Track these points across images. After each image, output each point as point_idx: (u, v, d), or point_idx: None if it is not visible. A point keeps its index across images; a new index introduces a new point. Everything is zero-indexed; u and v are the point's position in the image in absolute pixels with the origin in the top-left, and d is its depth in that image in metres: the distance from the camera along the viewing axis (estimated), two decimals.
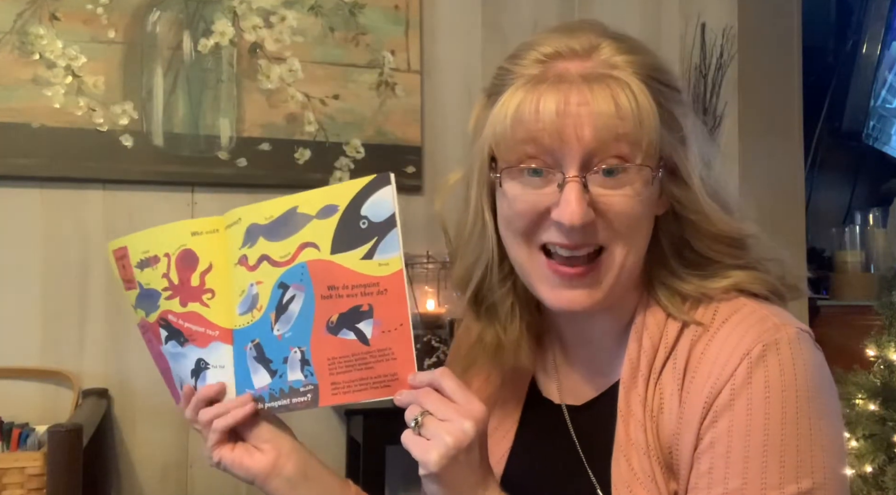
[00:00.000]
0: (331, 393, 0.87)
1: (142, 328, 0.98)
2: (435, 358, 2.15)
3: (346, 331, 0.86)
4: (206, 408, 0.91)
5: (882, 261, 3.30)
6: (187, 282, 0.92)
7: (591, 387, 0.92)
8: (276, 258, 0.89)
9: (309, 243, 0.88)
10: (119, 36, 2.13)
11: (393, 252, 0.85)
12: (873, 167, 3.76)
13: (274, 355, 0.89)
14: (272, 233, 0.89)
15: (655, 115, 0.81)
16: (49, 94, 2.08)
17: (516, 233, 0.85)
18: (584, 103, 0.79)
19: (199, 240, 0.92)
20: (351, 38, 2.29)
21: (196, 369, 0.93)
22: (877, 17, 3.49)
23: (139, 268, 0.94)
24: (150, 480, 2.14)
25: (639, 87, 0.81)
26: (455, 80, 2.37)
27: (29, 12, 2.08)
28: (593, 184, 0.81)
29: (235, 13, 2.22)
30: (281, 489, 0.91)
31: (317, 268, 0.87)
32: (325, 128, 2.26)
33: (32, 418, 1.95)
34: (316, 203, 0.88)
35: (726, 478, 0.78)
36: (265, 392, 0.90)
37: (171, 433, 2.15)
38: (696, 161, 0.85)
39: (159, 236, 0.94)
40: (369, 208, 0.86)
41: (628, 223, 0.82)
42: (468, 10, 2.40)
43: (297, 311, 0.88)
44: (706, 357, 0.82)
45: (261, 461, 0.91)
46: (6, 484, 1.69)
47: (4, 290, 2.04)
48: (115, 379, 2.11)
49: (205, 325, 0.92)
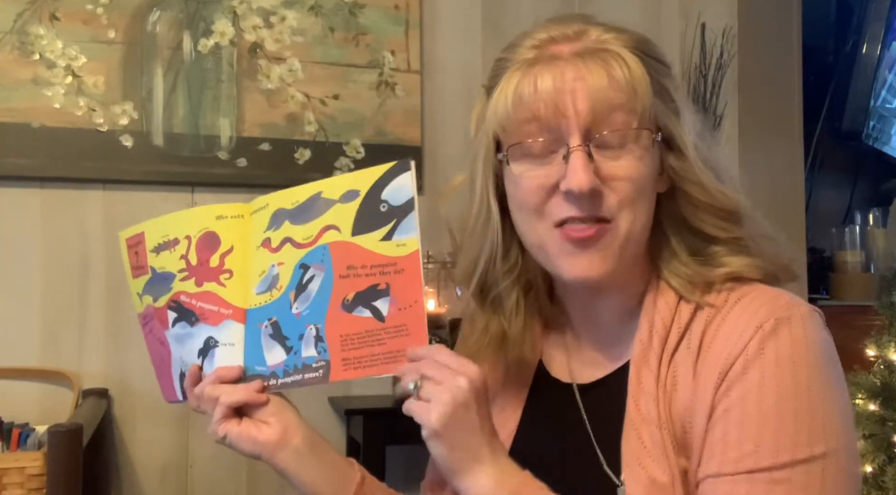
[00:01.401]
0: (342, 368, 0.90)
1: (144, 317, 1.01)
2: None
3: (362, 308, 0.90)
4: (215, 385, 0.92)
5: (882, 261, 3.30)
6: (206, 263, 0.96)
7: (601, 367, 0.93)
8: (298, 240, 0.93)
9: (331, 226, 0.92)
10: (119, 36, 2.13)
11: (411, 233, 0.90)
12: (873, 167, 3.76)
13: (291, 332, 0.93)
14: (297, 217, 0.94)
15: (648, 84, 0.84)
16: (49, 94, 2.08)
17: (529, 213, 0.87)
18: (579, 78, 0.83)
19: (223, 224, 0.97)
20: (351, 38, 2.29)
21: (204, 347, 0.95)
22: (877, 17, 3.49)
23: (155, 252, 0.98)
24: (150, 480, 2.14)
25: (630, 58, 0.85)
26: (455, 80, 2.37)
27: (29, 12, 2.08)
28: (597, 155, 0.84)
29: (235, 13, 2.22)
30: (289, 461, 0.93)
31: (337, 249, 0.91)
32: (325, 129, 2.26)
33: (32, 418, 1.95)
34: (339, 188, 0.93)
35: (740, 442, 0.79)
36: (279, 368, 0.93)
37: (171, 433, 2.15)
38: (690, 130, 0.88)
39: (182, 220, 0.98)
40: (389, 192, 0.91)
41: (633, 189, 0.84)
42: (468, 10, 2.40)
43: (315, 290, 0.92)
44: (720, 333, 0.84)
45: (269, 433, 0.92)
46: (6, 484, 1.69)
47: (4, 290, 2.04)
48: (115, 379, 2.11)
49: (219, 304, 0.95)
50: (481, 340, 0.96)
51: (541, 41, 0.88)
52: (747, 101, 2.65)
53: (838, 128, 3.54)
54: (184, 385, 0.98)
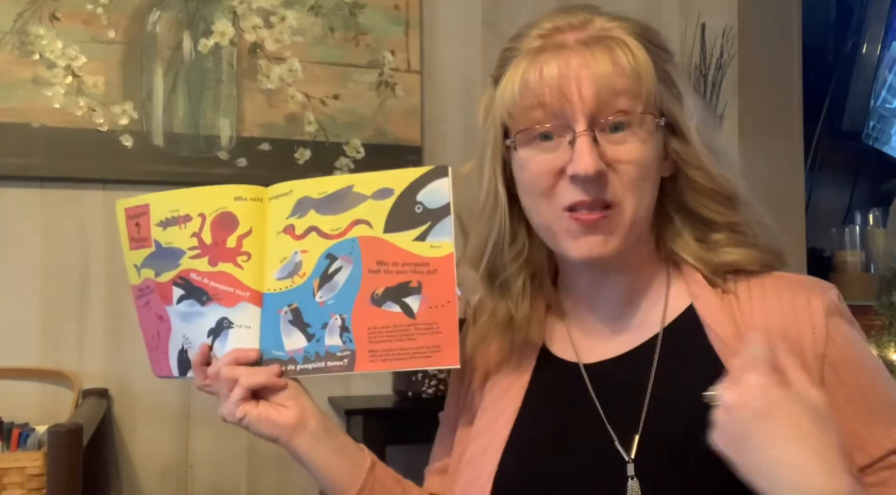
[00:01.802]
0: (368, 359, 0.93)
1: (140, 290, 1.01)
2: None
3: (391, 303, 0.92)
4: (232, 366, 0.93)
5: (882, 261, 3.30)
6: (222, 243, 0.96)
7: (610, 348, 0.94)
8: (326, 230, 0.95)
9: (362, 220, 0.94)
10: (119, 36, 2.13)
11: (446, 237, 0.92)
12: (873, 167, 3.76)
13: (313, 320, 0.94)
14: (324, 208, 0.95)
15: (652, 69, 0.87)
16: (49, 94, 2.08)
17: (537, 196, 0.89)
18: (584, 65, 0.85)
19: (241, 205, 0.97)
20: (351, 38, 2.29)
21: (217, 328, 0.96)
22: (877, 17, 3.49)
23: (161, 226, 0.98)
24: (150, 480, 2.14)
25: (634, 45, 0.87)
26: (455, 80, 2.37)
27: (29, 12, 2.08)
28: (602, 140, 0.86)
29: (235, 13, 2.22)
30: (305, 444, 0.94)
31: (368, 244, 0.93)
32: (325, 129, 2.26)
33: (32, 418, 1.95)
34: (373, 185, 0.95)
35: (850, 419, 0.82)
36: (298, 354, 0.95)
37: (171, 433, 2.15)
38: (693, 115, 0.91)
39: (195, 196, 0.99)
40: (425, 195, 0.93)
41: (637, 173, 0.87)
42: (468, 10, 2.40)
43: (342, 281, 0.94)
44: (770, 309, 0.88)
45: (287, 415, 0.94)
46: (6, 484, 1.69)
47: (4, 290, 2.04)
48: (115, 379, 2.11)
49: (235, 285, 0.96)
50: (489, 323, 0.97)
51: (547, 30, 0.90)
52: (747, 101, 2.65)
53: (838, 128, 3.54)
54: (182, 361, 0.99)
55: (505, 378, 0.98)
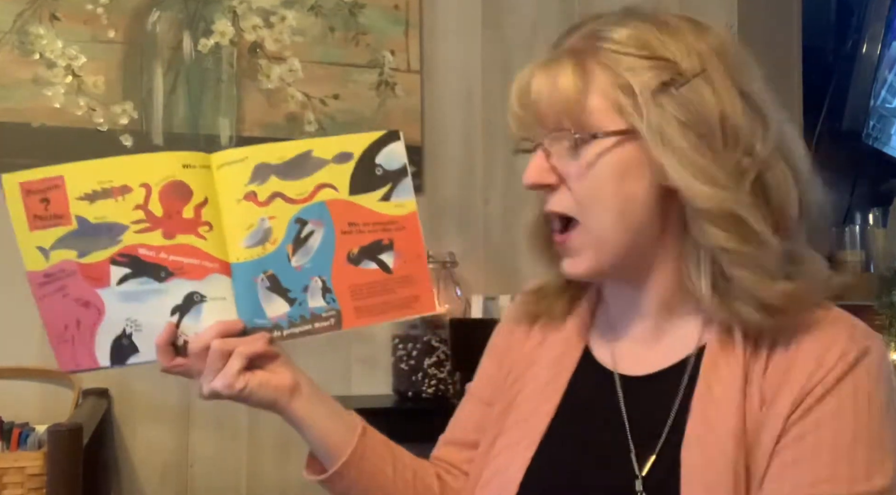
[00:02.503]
0: (355, 316, 0.97)
1: (48, 275, 0.94)
2: (435, 357, 2.15)
3: (368, 261, 0.97)
4: (225, 339, 0.92)
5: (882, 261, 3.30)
6: (177, 215, 0.93)
7: (646, 362, 0.93)
8: (291, 196, 0.96)
9: (327, 184, 0.96)
10: (119, 36, 2.13)
11: (408, 195, 0.98)
12: (873, 167, 3.76)
13: (292, 285, 0.96)
14: (286, 173, 0.96)
15: (581, 88, 0.85)
16: (49, 93, 2.08)
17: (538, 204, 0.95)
18: (534, 82, 0.88)
19: (191, 173, 0.93)
20: (351, 38, 2.29)
21: (185, 304, 0.93)
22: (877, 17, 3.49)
23: (87, 200, 0.92)
24: (150, 480, 2.14)
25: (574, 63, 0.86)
26: (455, 80, 2.37)
27: (29, 12, 2.08)
28: (557, 154, 0.88)
29: (235, 13, 2.22)
30: (302, 407, 0.95)
31: (336, 207, 0.97)
32: (325, 128, 2.26)
33: (32, 418, 1.95)
34: (331, 149, 0.97)
35: (815, 469, 0.80)
36: (282, 320, 0.95)
37: (171, 433, 2.15)
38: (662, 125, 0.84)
39: (132, 165, 0.94)
40: (383, 158, 0.98)
41: (590, 188, 0.86)
42: (468, 10, 2.40)
43: (316, 244, 0.96)
44: (800, 354, 0.85)
45: (284, 379, 0.95)
46: (6, 484, 1.69)
47: (4, 290, 2.04)
48: (115, 380, 2.10)
49: (201, 258, 0.93)
50: (550, 307, 1.01)
51: (556, 42, 0.93)
52: None
53: (838, 128, 3.54)
54: (119, 348, 0.94)
55: (547, 371, 0.97)
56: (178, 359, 0.94)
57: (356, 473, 0.97)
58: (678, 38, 0.87)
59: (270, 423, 2.18)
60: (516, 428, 0.96)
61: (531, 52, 2.38)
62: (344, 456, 0.96)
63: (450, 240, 2.33)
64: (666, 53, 0.86)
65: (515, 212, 2.39)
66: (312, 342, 1.00)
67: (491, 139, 2.39)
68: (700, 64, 0.86)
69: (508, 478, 0.92)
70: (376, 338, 2.25)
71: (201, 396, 0.94)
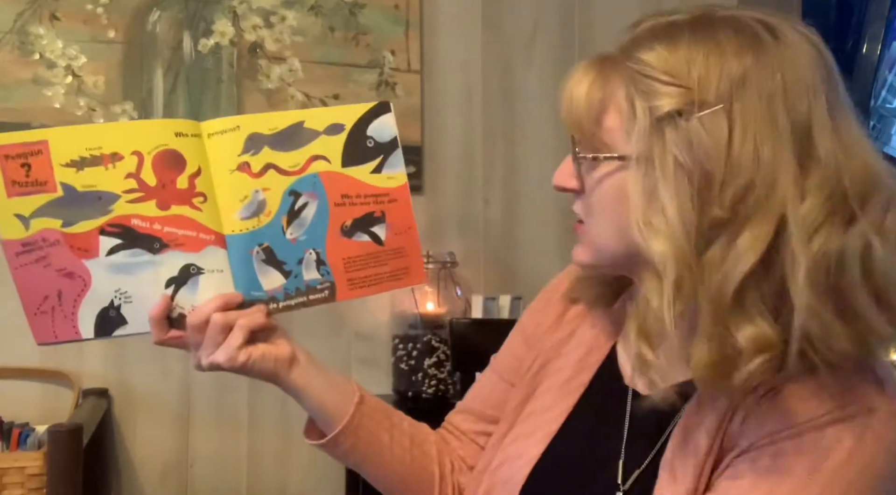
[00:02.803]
0: (348, 288, 0.98)
1: (27, 244, 0.89)
2: (435, 357, 2.15)
3: (361, 233, 0.98)
4: (224, 312, 0.92)
5: None
6: (171, 184, 0.91)
7: (664, 375, 0.88)
8: (284, 167, 0.95)
9: (319, 156, 0.96)
10: (119, 36, 2.13)
11: (399, 168, 0.99)
12: None
13: (287, 257, 0.96)
14: (278, 144, 0.95)
15: (595, 106, 0.82)
16: (49, 93, 2.08)
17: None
18: (570, 87, 0.85)
19: (184, 142, 0.91)
20: (351, 38, 2.29)
21: (181, 276, 0.92)
22: (877, 17, 3.49)
23: (74, 167, 0.88)
24: (150, 480, 2.14)
25: (595, 75, 0.83)
26: (455, 80, 2.37)
27: (29, 12, 2.08)
28: (583, 160, 0.86)
29: (235, 13, 2.22)
30: (302, 376, 0.97)
31: (329, 179, 0.97)
32: None
33: (32, 418, 1.95)
34: (323, 120, 0.97)
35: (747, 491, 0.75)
36: (278, 292, 0.96)
37: (171, 433, 2.15)
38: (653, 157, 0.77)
39: (123, 132, 0.91)
40: (374, 130, 0.99)
41: (598, 200, 0.85)
42: (468, 10, 2.40)
43: (310, 217, 0.97)
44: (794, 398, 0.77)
45: (284, 350, 0.96)
46: (6, 484, 1.69)
47: (4, 290, 2.04)
48: (115, 380, 2.11)
49: (197, 229, 0.92)
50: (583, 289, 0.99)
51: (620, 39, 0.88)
52: None
53: None
54: (105, 320, 0.92)
55: (574, 368, 0.97)
56: (173, 331, 0.93)
57: (353, 439, 0.99)
58: (714, 61, 0.76)
59: (271, 423, 2.18)
60: (531, 419, 0.96)
61: (531, 52, 2.39)
62: (340, 424, 0.98)
63: (450, 240, 2.33)
64: (688, 80, 0.76)
65: (515, 212, 2.40)
66: (313, 343, 1.01)
67: (491, 139, 2.39)
68: (728, 93, 0.75)
69: (517, 468, 0.93)
70: (376, 338, 2.25)
71: (198, 368, 0.93)
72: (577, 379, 0.96)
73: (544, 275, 1.10)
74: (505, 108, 2.39)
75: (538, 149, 2.39)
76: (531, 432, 0.95)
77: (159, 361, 2.11)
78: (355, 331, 2.26)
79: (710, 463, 0.80)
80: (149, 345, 0.94)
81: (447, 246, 2.30)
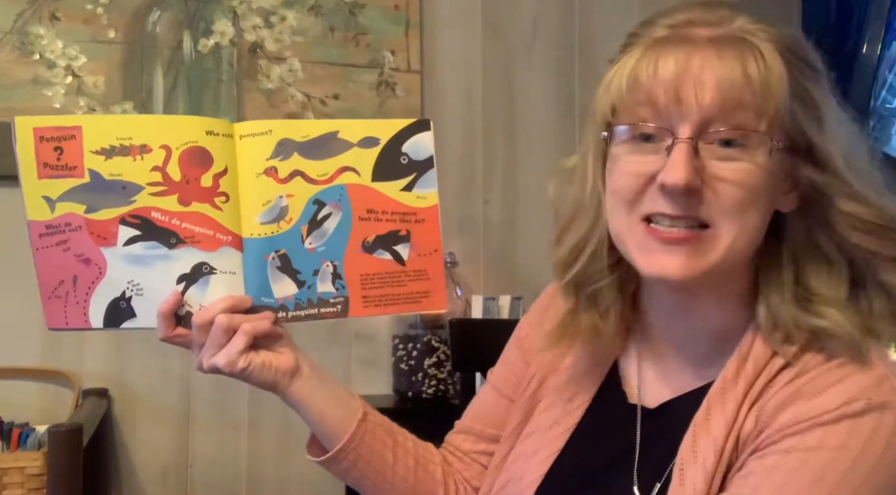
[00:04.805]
0: (362, 305, 0.95)
1: (51, 227, 0.91)
2: (435, 357, 2.15)
3: (382, 251, 0.95)
4: (229, 315, 0.89)
5: None
6: (195, 181, 0.91)
7: (667, 390, 0.88)
8: (312, 176, 0.94)
9: (349, 167, 0.94)
10: (119, 36, 2.13)
11: (431, 188, 0.96)
12: None
13: (303, 267, 0.94)
14: (309, 152, 0.94)
15: (786, 85, 0.77)
16: (49, 93, 2.08)
17: (621, 200, 0.81)
18: (707, 65, 0.76)
19: (214, 141, 0.91)
20: (351, 38, 2.29)
21: (192, 273, 0.92)
22: (877, 17, 3.48)
23: (102, 155, 0.89)
24: (150, 480, 2.14)
25: (771, 54, 0.77)
26: (455, 80, 2.37)
27: (29, 12, 2.08)
28: (706, 153, 0.77)
29: (235, 13, 2.22)
30: (303, 389, 0.94)
31: (356, 192, 0.94)
32: None
33: (32, 418, 1.95)
34: (357, 132, 0.95)
35: (757, 488, 0.74)
36: (289, 302, 0.94)
37: (171, 433, 2.15)
38: (839, 142, 0.79)
39: (155, 125, 0.92)
40: (410, 147, 0.95)
41: (740, 198, 0.77)
42: (468, 11, 2.40)
43: (332, 228, 0.94)
44: (803, 396, 0.76)
45: (287, 360, 0.93)
46: (6, 484, 1.69)
47: (4, 290, 2.04)
48: (115, 379, 2.11)
49: (215, 229, 0.92)
50: (569, 323, 0.91)
51: (678, 22, 0.80)
52: None
53: None
54: (115, 311, 0.91)
55: (574, 384, 0.94)
56: (179, 329, 0.92)
57: (354, 457, 0.96)
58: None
59: (271, 423, 2.18)
60: (533, 438, 0.93)
61: (531, 52, 2.39)
62: (341, 441, 0.95)
63: (450, 240, 2.32)
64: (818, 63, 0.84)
65: (515, 212, 2.40)
66: (313, 342, 1.00)
67: (491, 139, 2.39)
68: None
69: (521, 489, 0.90)
70: (376, 338, 2.25)
71: (199, 369, 0.92)
72: (580, 396, 0.93)
73: (544, 275, 1.08)
74: (505, 108, 2.39)
75: (538, 150, 2.39)
76: (534, 451, 0.92)
77: (159, 361, 2.11)
78: (355, 330, 2.26)
79: (723, 467, 0.78)
80: (149, 345, 0.94)
81: (447, 246, 2.30)
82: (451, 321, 2.13)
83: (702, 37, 0.77)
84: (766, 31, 0.79)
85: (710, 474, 0.78)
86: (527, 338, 1.02)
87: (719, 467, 0.78)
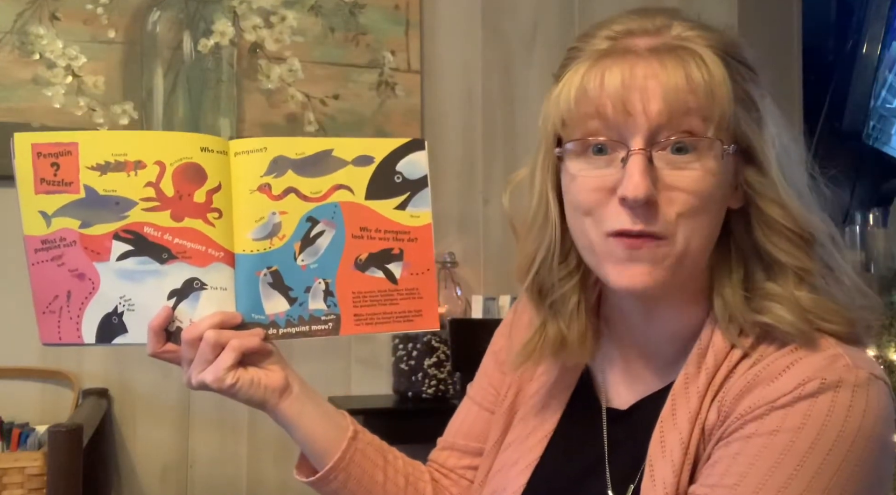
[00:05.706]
0: (353, 323, 0.95)
1: (46, 241, 0.93)
2: (435, 357, 2.15)
3: (375, 269, 0.95)
4: (218, 330, 0.89)
5: (882, 261, 3.30)
6: (188, 197, 0.91)
7: (634, 392, 0.89)
8: (305, 193, 0.94)
9: (343, 185, 0.95)
10: (119, 36, 2.14)
11: (425, 207, 0.96)
12: (873, 167, 3.76)
13: (295, 283, 0.94)
14: (303, 169, 0.94)
15: (729, 89, 0.78)
16: (49, 93, 2.08)
17: (582, 215, 0.82)
18: (652, 75, 0.77)
19: (209, 157, 0.92)
20: (351, 38, 2.29)
21: (183, 288, 0.92)
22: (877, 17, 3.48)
23: (97, 170, 0.90)
24: (150, 480, 2.14)
25: (712, 59, 0.78)
26: (455, 80, 2.38)
27: (29, 12, 2.08)
28: (659, 161, 0.78)
29: (235, 13, 2.22)
30: (292, 408, 0.94)
31: (350, 210, 0.95)
32: (326, 128, 2.26)
33: (32, 418, 1.96)
34: (352, 150, 0.95)
35: (724, 474, 0.75)
36: (280, 318, 0.94)
37: (171, 433, 2.15)
38: (774, 143, 0.81)
39: (149, 141, 0.93)
40: (404, 166, 0.96)
41: (695, 203, 0.78)
42: (468, 11, 2.40)
43: (324, 246, 0.94)
44: (761, 381, 0.78)
45: (276, 378, 0.93)
46: (6, 484, 1.69)
47: (4, 290, 2.04)
48: (115, 380, 2.11)
49: (206, 244, 0.92)
50: (537, 339, 0.92)
51: (617, 33, 0.81)
52: None
53: (838, 129, 3.53)
54: (107, 326, 0.92)
55: (547, 392, 0.94)
56: (169, 344, 0.92)
57: (344, 477, 0.95)
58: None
59: (271, 423, 2.18)
60: (512, 449, 0.94)
61: (531, 53, 2.39)
62: (331, 461, 0.94)
63: (450, 240, 2.33)
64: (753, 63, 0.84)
65: None
66: (313, 342, 1.00)
67: (491, 139, 2.39)
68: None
69: None
70: (376, 339, 2.25)
71: (188, 385, 0.91)
72: (553, 404, 0.93)
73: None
74: (505, 109, 2.39)
75: None
76: (514, 462, 0.92)
77: (159, 362, 2.10)
78: None
79: (690, 459, 0.79)
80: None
81: (447, 246, 2.30)
82: (451, 321, 2.13)
83: (642, 47, 0.79)
84: (703, 36, 0.81)
85: (679, 468, 0.79)
86: (501, 350, 1.02)
87: (686, 460, 0.79)
